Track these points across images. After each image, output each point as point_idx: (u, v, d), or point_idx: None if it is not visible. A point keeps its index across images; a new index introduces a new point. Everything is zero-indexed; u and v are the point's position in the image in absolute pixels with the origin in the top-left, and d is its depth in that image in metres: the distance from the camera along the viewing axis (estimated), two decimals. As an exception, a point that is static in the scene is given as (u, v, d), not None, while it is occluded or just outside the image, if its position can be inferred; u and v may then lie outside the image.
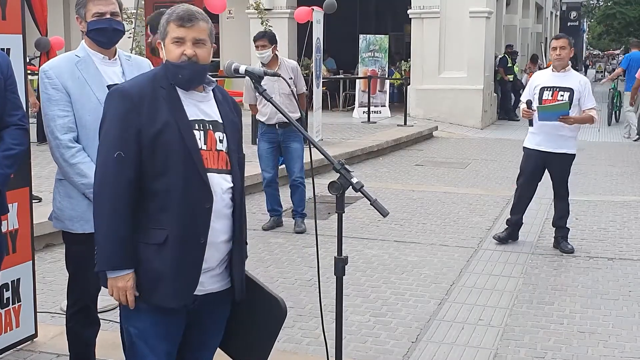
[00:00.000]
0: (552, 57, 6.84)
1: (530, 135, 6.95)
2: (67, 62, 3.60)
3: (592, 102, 6.77)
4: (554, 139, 6.75)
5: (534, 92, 6.82)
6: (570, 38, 6.97)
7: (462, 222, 8.01)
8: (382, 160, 12.57)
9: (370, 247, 6.97)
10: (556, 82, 6.76)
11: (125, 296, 2.73)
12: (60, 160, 3.56)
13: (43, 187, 7.96)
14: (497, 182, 10.66)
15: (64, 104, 3.53)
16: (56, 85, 3.53)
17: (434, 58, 17.60)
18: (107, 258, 2.71)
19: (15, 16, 4.10)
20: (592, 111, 6.73)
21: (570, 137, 6.81)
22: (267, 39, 7.31)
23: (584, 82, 6.81)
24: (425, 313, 5.24)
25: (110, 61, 3.68)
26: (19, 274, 4.27)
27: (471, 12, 17.32)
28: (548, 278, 6.10)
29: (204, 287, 2.82)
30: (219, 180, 2.78)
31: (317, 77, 13.23)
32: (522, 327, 5.01)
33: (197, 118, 2.79)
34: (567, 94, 6.65)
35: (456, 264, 6.43)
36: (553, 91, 6.72)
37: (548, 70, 7.00)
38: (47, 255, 6.34)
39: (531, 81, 7.06)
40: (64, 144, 3.52)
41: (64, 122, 3.52)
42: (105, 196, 2.69)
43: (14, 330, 4.28)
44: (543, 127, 6.70)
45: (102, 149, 2.75)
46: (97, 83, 3.57)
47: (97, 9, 3.57)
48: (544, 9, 31.99)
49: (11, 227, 4.18)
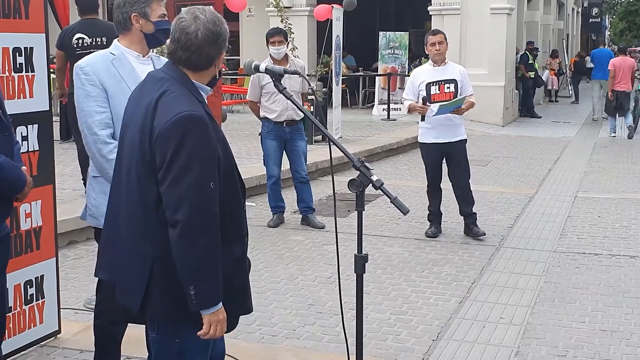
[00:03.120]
0: (432, 52, 7.12)
1: (425, 131, 7.21)
2: (103, 59, 3.63)
3: (471, 89, 7.24)
4: (450, 129, 7.12)
5: (419, 89, 7.09)
6: (444, 33, 7.23)
7: (483, 220, 7.95)
8: (402, 157, 12.54)
9: (390, 244, 6.96)
10: (439, 76, 7.09)
11: (222, 326, 2.69)
12: (97, 156, 3.57)
13: (66, 185, 8.05)
14: (519, 180, 10.60)
15: (102, 100, 3.55)
16: (93, 81, 3.55)
17: (455, 55, 17.43)
18: (213, 294, 2.62)
19: (38, 15, 4.14)
20: (472, 97, 7.19)
21: (461, 124, 7.25)
22: (283, 36, 7.37)
23: (463, 72, 7.26)
24: (447, 311, 5.23)
25: (144, 59, 3.71)
26: (43, 270, 4.32)
27: (492, 8, 17.21)
28: (570, 276, 6.07)
29: None
30: None
31: (336, 75, 13.23)
32: (543, 326, 4.98)
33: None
34: (452, 85, 7.07)
35: (477, 262, 6.41)
36: (439, 85, 7.06)
37: (427, 66, 7.34)
38: (70, 252, 6.39)
39: (412, 79, 7.28)
40: (102, 139, 3.54)
41: (101, 118, 3.54)
42: (207, 229, 2.59)
43: (38, 327, 4.32)
44: (436, 120, 7.01)
45: (193, 176, 2.57)
46: (133, 80, 3.59)
47: (161, 10, 3.65)
48: (565, 5, 31.70)
49: (35, 225, 4.23)
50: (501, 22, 17.33)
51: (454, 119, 7.10)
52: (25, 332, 4.23)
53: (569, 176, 10.91)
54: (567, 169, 11.62)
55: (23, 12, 4.02)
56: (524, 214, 8.29)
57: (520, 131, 16.89)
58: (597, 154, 13.35)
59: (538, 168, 11.62)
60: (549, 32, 27.31)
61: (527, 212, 8.40)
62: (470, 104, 7.18)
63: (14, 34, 3.94)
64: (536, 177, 10.80)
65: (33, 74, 4.13)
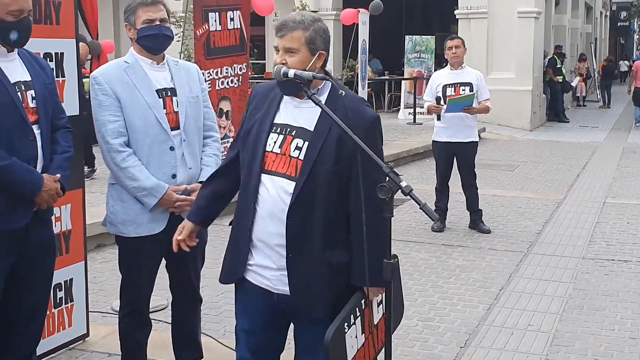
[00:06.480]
0: (449, 56, 7.54)
1: (439, 130, 7.60)
2: (116, 68, 3.66)
3: (488, 94, 7.64)
4: (462, 129, 7.47)
5: (437, 91, 7.49)
6: (462, 38, 7.74)
7: (511, 226, 7.91)
8: (428, 161, 12.44)
9: (417, 250, 6.93)
10: (456, 78, 7.52)
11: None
12: (112, 164, 3.62)
13: (94, 188, 8.11)
14: (547, 185, 10.51)
15: (114, 109, 3.58)
16: (106, 91, 3.58)
17: (482, 59, 17.40)
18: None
19: (69, 21, 4.18)
20: (487, 102, 7.59)
21: (474, 126, 7.62)
22: None
23: (479, 76, 7.64)
24: (474, 318, 5.20)
25: (159, 66, 3.72)
26: (72, 274, 4.35)
27: (519, 12, 17.11)
28: (599, 283, 6.00)
29: (273, 284, 2.85)
30: (281, 183, 2.80)
31: (362, 79, 13.21)
32: (572, 333, 4.93)
33: (282, 122, 2.87)
34: (468, 88, 7.45)
35: (505, 269, 6.36)
36: (455, 87, 7.47)
37: (445, 70, 7.73)
38: (98, 255, 6.44)
39: (431, 82, 7.73)
40: (115, 148, 3.57)
41: (114, 126, 3.58)
42: None
43: (67, 330, 4.36)
44: (451, 120, 7.40)
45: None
46: (146, 87, 3.62)
47: (147, 15, 3.61)
48: (593, 9, 31.43)
49: (65, 228, 4.27)
50: (529, 25, 17.21)
51: (467, 120, 7.45)
52: (55, 335, 4.26)
53: (598, 182, 10.80)
54: (595, 174, 11.50)
55: (54, 18, 4.06)
56: (552, 220, 8.22)
57: (548, 136, 16.77)
58: (626, 159, 13.20)
59: (566, 173, 11.52)
60: (577, 35, 27.10)
61: (556, 218, 8.32)
62: (484, 107, 7.54)
63: (46, 40, 3.97)
64: (564, 182, 10.70)
65: (64, 78, 4.17)
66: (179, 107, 3.69)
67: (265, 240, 2.84)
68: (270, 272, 2.85)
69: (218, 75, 7.54)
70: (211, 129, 3.91)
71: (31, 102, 3.29)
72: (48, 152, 3.37)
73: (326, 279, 2.82)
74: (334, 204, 2.80)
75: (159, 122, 3.61)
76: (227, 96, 7.74)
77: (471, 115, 7.45)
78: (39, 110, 3.31)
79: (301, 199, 2.77)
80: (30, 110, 3.28)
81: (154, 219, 3.64)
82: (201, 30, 7.24)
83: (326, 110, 2.87)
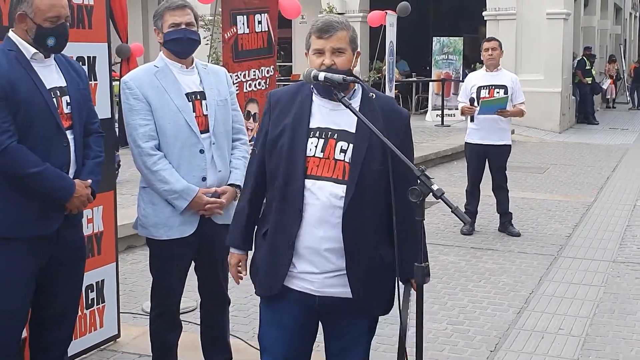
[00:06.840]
0: (485, 57, 7.52)
1: (472, 131, 7.55)
2: (146, 73, 3.70)
3: (522, 97, 7.54)
4: (495, 131, 7.43)
5: (471, 92, 7.45)
6: (499, 40, 7.66)
7: (540, 229, 7.85)
8: (456, 164, 12.42)
9: (446, 253, 6.90)
10: (491, 80, 7.47)
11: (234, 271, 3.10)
12: (143, 168, 3.65)
13: (124, 190, 8.18)
14: (577, 188, 10.41)
15: (145, 112, 3.61)
16: (137, 95, 3.62)
17: (510, 60, 17.23)
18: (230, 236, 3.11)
19: (101, 25, 4.23)
20: (522, 105, 7.52)
21: (507, 129, 7.58)
22: None
23: (515, 79, 7.56)
24: (504, 322, 5.16)
25: (188, 70, 3.74)
26: (103, 275, 4.40)
27: (548, 13, 16.97)
28: (630, 287, 5.93)
29: (316, 287, 2.83)
30: (329, 187, 2.78)
31: (389, 81, 13.19)
32: (603, 337, 4.89)
33: (320, 126, 2.84)
34: (502, 91, 7.39)
35: (535, 272, 6.31)
36: (489, 89, 7.42)
37: (481, 71, 7.73)
38: (128, 256, 6.49)
39: (466, 83, 7.72)
40: (146, 151, 3.60)
41: (145, 130, 3.61)
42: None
43: (98, 331, 4.40)
44: (484, 122, 7.36)
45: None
46: (176, 91, 3.65)
47: (173, 19, 3.64)
48: (622, 9, 31.07)
49: (96, 230, 4.31)
50: (557, 27, 17.07)
51: (500, 123, 7.40)
52: (86, 335, 4.31)
53: (628, 184, 10.68)
54: (626, 176, 11.37)
55: (86, 22, 4.10)
56: (582, 223, 8.14)
57: (578, 138, 16.62)
58: (658, 161, 13.04)
59: (596, 176, 11.41)
60: (606, 37, 26.81)
61: (586, 221, 8.25)
62: (519, 111, 7.51)
63: (78, 44, 4.01)
64: (594, 185, 10.60)
65: (96, 82, 4.22)
66: (208, 110, 3.71)
67: (313, 246, 2.81)
68: (314, 276, 2.83)
69: (246, 78, 7.55)
70: (240, 132, 3.93)
71: (66, 107, 3.31)
72: (80, 157, 3.39)
73: (382, 277, 2.90)
74: (383, 203, 2.83)
75: (188, 126, 3.63)
76: (255, 99, 7.75)
77: (505, 118, 7.41)
78: (73, 116, 3.33)
79: (354, 201, 2.77)
80: (65, 116, 3.30)
81: (184, 221, 3.67)
82: (229, 34, 7.26)
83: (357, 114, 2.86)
